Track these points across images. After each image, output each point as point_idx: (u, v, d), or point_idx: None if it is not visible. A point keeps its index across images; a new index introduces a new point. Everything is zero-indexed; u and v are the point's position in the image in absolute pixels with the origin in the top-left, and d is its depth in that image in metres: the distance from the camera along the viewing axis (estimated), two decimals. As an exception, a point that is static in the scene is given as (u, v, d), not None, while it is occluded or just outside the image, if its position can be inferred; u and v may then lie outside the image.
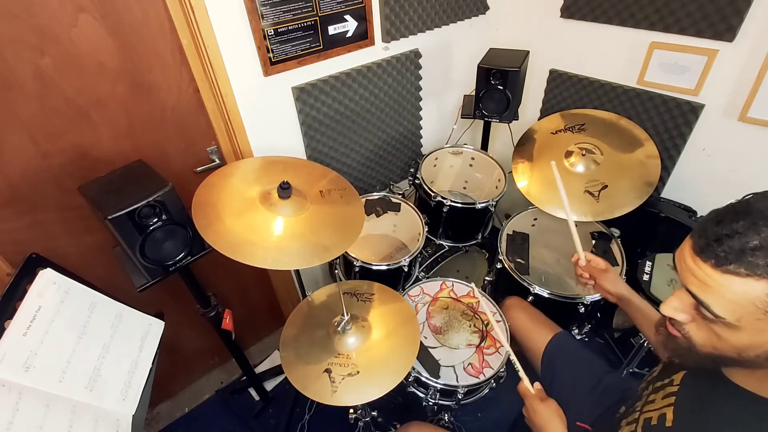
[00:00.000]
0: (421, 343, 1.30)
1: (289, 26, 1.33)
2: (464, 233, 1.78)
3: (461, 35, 1.92)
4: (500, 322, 1.40)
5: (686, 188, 1.69)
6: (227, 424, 1.79)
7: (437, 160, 1.90)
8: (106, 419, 0.86)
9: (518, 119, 1.79)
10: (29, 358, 0.79)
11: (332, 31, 1.44)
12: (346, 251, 1.43)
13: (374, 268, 1.49)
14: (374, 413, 1.52)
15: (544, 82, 1.97)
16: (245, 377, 1.81)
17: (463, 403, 1.33)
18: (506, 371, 1.33)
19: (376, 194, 1.76)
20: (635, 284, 1.21)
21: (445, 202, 1.61)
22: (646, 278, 1.50)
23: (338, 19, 1.44)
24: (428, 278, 1.67)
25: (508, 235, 1.72)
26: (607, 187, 1.54)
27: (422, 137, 2.05)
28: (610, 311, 1.81)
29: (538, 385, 1.04)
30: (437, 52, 1.87)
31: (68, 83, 1.11)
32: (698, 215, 1.65)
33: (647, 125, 1.66)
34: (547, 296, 1.45)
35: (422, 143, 2.08)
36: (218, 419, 1.81)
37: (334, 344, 1.18)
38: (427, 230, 1.62)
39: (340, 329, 1.18)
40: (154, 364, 1.02)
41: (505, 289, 1.61)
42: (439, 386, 1.28)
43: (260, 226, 1.08)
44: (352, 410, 1.45)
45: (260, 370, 1.96)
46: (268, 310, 2.03)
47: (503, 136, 2.08)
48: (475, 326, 1.46)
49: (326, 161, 1.68)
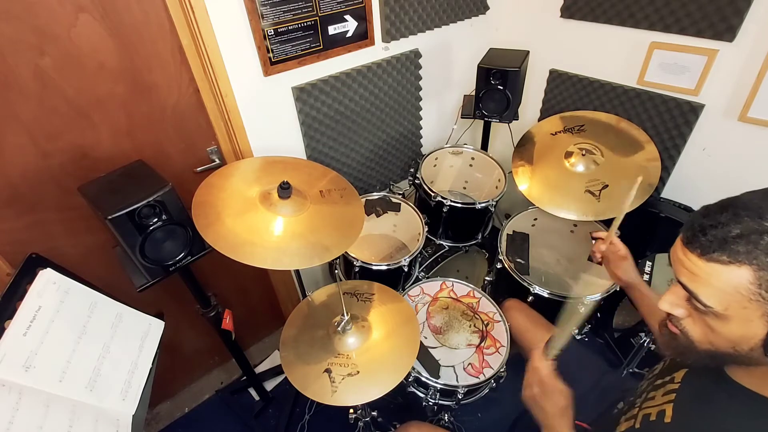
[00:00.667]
0: (421, 343, 1.30)
1: (289, 26, 1.33)
2: (464, 233, 1.78)
3: (461, 35, 1.92)
4: (500, 322, 1.40)
5: (686, 188, 1.69)
6: (227, 424, 1.79)
7: (437, 160, 1.90)
8: (106, 419, 0.86)
9: (518, 119, 1.79)
10: (29, 358, 0.79)
11: (332, 31, 1.44)
12: (346, 251, 1.43)
13: (374, 268, 1.49)
14: (374, 413, 1.52)
15: (544, 82, 1.97)
16: (245, 377, 1.82)
17: (463, 403, 1.33)
18: (506, 371, 1.33)
19: (376, 194, 1.76)
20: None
21: (445, 202, 1.61)
22: (646, 278, 1.50)
23: (338, 19, 1.44)
24: (428, 278, 1.67)
25: (508, 235, 1.72)
26: (607, 186, 1.54)
27: (422, 137, 2.05)
28: (610, 311, 1.81)
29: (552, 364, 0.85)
30: (437, 52, 1.87)
31: (68, 83, 1.11)
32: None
33: (647, 125, 1.66)
34: (547, 296, 1.45)
35: (422, 143, 2.08)
36: (218, 419, 1.81)
37: (334, 344, 1.18)
38: (427, 230, 1.62)
39: (340, 329, 1.18)
40: (154, 364, 1.02)
41: (505, 289, 1.61)
42: (439, 386, 1.28)
43: (260, 226, 1.08)
44: (352, 410, 1.45)
45: (260, 370, 1.96)
46: (268, 310, 2.03)
47: (503, 136, 2.08)
48: (475, 326, 1.46)
49: (326, 161, 1.68)
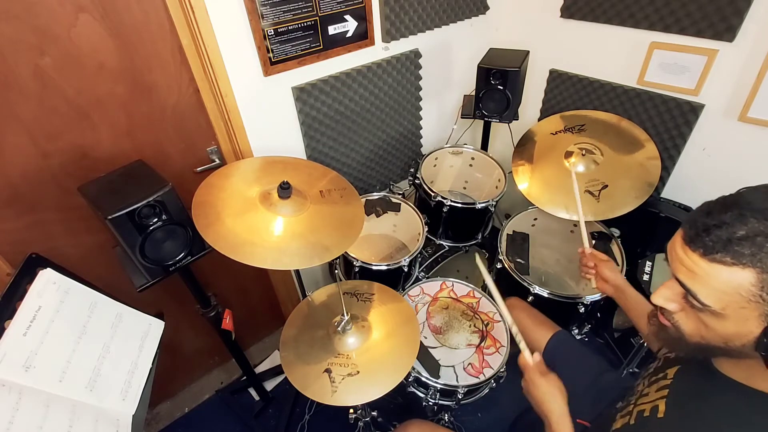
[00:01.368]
0: (421, 343, 1.30)
1: (289, 26, 1.33)
2: (464, 233, 1.78)
3: (461, 35, 1.92)
4: (500, 322, 1.40)
5: (686, 188, 1.69)
6: (227, 424, 1.79)
7: (437, 160, 1.90)
8: (106, 419, 0.86)
9: (518, 119, 1.79)
10: (29, 358, 0.79)
11: (332, 31, 1.44)
12: (346, 251, 1.42)
13: (374, 268, 1.49)
14: (374, 413, 1.52)
15: (544, 82, 1.97)
16: (245, 377, 1.82)
17: (463, 403, 1.33)
18: (506, 371, 1.33)
19: (376, 194, 1.76)
20: (635, 284, 1.22)
21: (445, 202, 1.60)
22: (646, 278, 1.50)
23: (338, 19, 1.44)
24: (428, 278, 1.67)
25: (508, 235, 1.72)
26: (607, 186, 1.54)
27: (422, 137, 2.05)
28: (610, 311, 1.81)
29: (537, 356, 0.98)
30: (437, 52, 1.87)
31: (68, 83, 1.11)
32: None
33: (647, 125, 1.66)
34: (547, 296, 1.45)
35: (422, 143, 2.08)
36: (218, 419, 1.81)
37: (334, 344, 1.18)
38: (427, 230, 1.62)
39: (340, 329, 1.18)
40: (154, 364, 1.02)
41: (505, 289, 1.60)
42: (439, 386, 1.28)
43: (260, 226, 1.08)
44: (352, 410, 1.45)
45: (260, 370, 1.96)
46: (268, 310, 2.03)
47: (503, 136, 2.08)
48: (475, 326, 1.46)
49: (326, 161, 1.68)
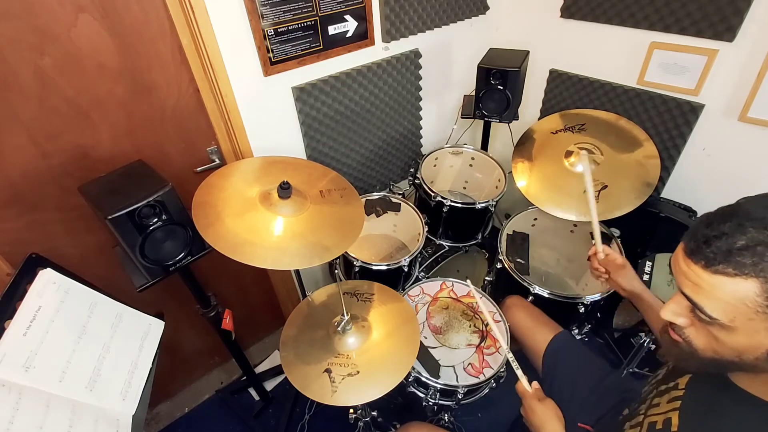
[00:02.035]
0: (421, 343, 1.30)
1: (289, 26, 1.33)
2: (464, 233, 1.78)
3: (461, 35, 1.92)
4: (500, 322, 1.40)
5: (686, 188, 1.69)
6: (227, 424, 1.79)
7: (437, 160, 1.90)
8: (106, 419, 0.86)
9: (518, 119, 1.79)
10: (29, 358, 0.79)
11: (332, 31, 1.44)
12: (346, 251, 1.42)
13: (374, 268, 1.49)
14: (374, 413, 1.52)
15: (544, 82, 1.97)
16: (245, 377, 1.81)
17: (463, 403, 1.33)
18: (506, 371, 1.33)
19: (376, 194, 1.76)
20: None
21: (445, 202, 1.60)
22: (646, 278, 1.50)
23: (338, 19, 1.44)
24: (428, 278, 1.67)
25: (508, 235, 1.72)
26: (606, 187, 1.54)
27: (422, 137, 2.05)
28: (610, 311, 1.81)
29: (536, 384, 1.04)
30: (437, 52, 1.87)
31: (68, 83, 1.11)
32: (698, 215, 1.64)
33: (647, 125, 1.66)
34: (547, 296, 1.45)
35: (422, 143, 2.08)
36: (218, 419, 1.81)
37: (334, 344, 1.18)
38: (427, 230, 1.62)
39: (340, 329, 1.17)
40: (154, 364, 1.02)
41: (505, 289, 1.61)
42: (439, 386, 1.28)
43: (260, 226, 1.08)
44: (352, 410, 1.45)
45: (260, 370, 1.96)
46: (268, 310, 2.03)
47: (503, 136, 2.08)
48: (475, 326, 1.46)
49: (326, 161, 1.68)
